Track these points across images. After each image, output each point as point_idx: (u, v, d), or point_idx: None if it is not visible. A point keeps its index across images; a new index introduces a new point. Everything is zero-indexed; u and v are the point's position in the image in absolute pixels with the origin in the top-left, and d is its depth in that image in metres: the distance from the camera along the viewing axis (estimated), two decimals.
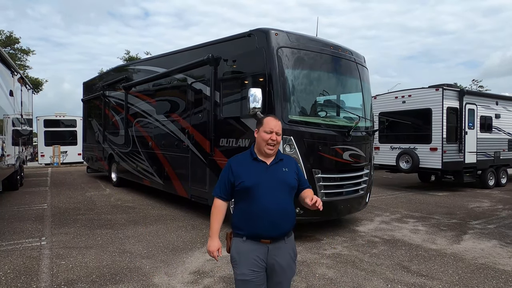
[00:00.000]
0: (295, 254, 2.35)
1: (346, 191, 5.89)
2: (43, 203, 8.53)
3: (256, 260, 2.20)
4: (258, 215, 2.19)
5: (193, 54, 7.15)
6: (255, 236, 2.22)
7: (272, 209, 2.18)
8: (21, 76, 11.56)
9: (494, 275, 4.23)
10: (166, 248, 5.13)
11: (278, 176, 2.26)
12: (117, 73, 11.08)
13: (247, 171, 2.25)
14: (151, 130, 8.70)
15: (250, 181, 2.21)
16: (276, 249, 2.24)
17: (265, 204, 2.19)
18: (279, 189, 2.23)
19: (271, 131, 2.25)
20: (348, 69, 6.33)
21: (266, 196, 2.19)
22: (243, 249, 2.23)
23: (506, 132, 12.27)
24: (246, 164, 2.29)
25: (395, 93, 11.90)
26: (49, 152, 20.09)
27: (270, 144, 2.25)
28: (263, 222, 2.18)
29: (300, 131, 5.34)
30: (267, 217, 2.18)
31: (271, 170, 2.27)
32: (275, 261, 2.23)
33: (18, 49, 25.52)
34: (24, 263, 4.50)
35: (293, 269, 2.33)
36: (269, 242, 2.22)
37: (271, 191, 2.21)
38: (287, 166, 2.32)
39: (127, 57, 28.99)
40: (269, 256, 2.22)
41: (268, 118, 2.32)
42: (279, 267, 2.24)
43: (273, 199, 2.20)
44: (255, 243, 2.22)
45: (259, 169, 2.26)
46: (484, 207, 8.39)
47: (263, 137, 2.26)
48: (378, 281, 4.01)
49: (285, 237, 2.27)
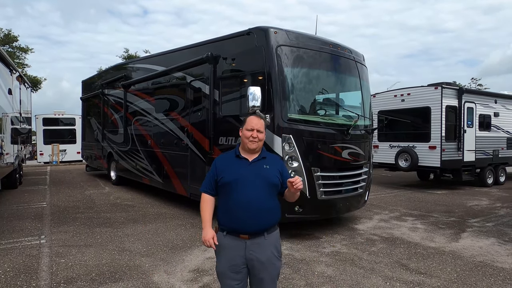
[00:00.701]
0: (278, 251, 2.38)
1: (345, 190, 5.90)
2: (42, 202, 8.53)
3: (234, 256, 2.29)
4: (236, 209, 2.28)
5: (192, 52, 7.14)
6: (234, 231, 2.31)
7: (248, 204, 2.26)
8: (20, 74, 11.53)
9: (492, 272, 4.24)
10: (166, 246, 5.13)
11: (259, 173, 2.34)
12: (116, 72, 11.07)
13: (229, 167, 2.37)
14: (150, 128, 8.70)
15: (229, 176, 2.32)
16: (255, 244, 2.29)
17: (242, 199, 2.27)
18: (259, 185, 2.30)
19: (252, 129, 2.36)
20: (347, 67, 6.34)
21: (244, 191, 2.28)
22: (223, 244, 2.33)
23: (505, 130, 12.29)
24: (229, 161, 2.41)
25: (394, 91, 11.90)
26: (48, 151, 20.07)
27: (251, 140, 2.35)
28: (240, 216, 2.27)
29: (299, 130, 5.34)
30: (243, 211, 2.26)
31: (252, 166, 2.36)
32: (254, 257, 2.28)
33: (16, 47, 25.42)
34: (24, 261, 4.51)
35: (276, 266, 2.36)
36: (247, 237, 2.29)
37: (250, 186, 2.29)
38: (269, 164, 2.40)
39: (126, 56, 28.92)
40: (247, 252, 2.28)
41: (250, 117, 2.42)
42: (258, 263, 2.29)
43: (250, 194, 2.28)
44: (235, 238, 2.31)
45: (240, 166, 2.36)
46: (483, 205, 8.42)
47: (245, 134, 2.37)
48: (377, 278, 4.02)
49: (264, 233, 2.32)
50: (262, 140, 2.41)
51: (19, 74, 11.34)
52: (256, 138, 2.35)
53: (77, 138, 19.85)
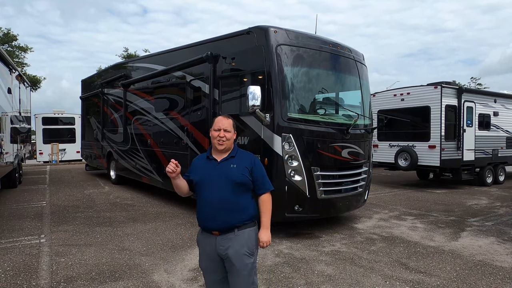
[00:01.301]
0: (249, 248, 2.40)
1: (344, 189, 5.90)
2: (42, 201, 8.53)
3: (209, 251, 2.43)
4: (203, 207, 2.43)
5: (192, 51, 7.13)
6: (205, 228, 2.45)
7: (212, 202, 2.38)
8: (19, 73, 11.52)
9: (492, 271, 4.25)
10: (165, 245, 5.14)
11: (224, 172, 2.42)
12: (116, 71, 11.06)
13: (198, 168, 2.50)
14: (150, 127, 8.70)
15: (196, 176, 2.46)
16: (225, 240, 2.38)
17: (207, 197, 2.40)
18: (224, 184, 2.38)
19: (219, 129, 2.45)
20: (347, 66, 6.33)
21: (209, 190, 2.41)
22: (200, 240, 2.51)
23: (504, 129, 12.30)
24: (200, 162, 2.55)
25: (394, 90, 11.90)
26: (48, 150, 20.06)
27: (219, 140, 2.45)
28: (206, 214, 2.41)
29: (299, 129, 5.34)
30: (208, 209, 2.39)
31: (220, 167, 2.45)
32: (223, 252, 2.37)
33: (16, 47, 25.40)
34: (24, 260, 4.51)
35: (245, 263, 2.37)
36: (217, 234, 2.40)
37: (215, 186, 2.39)
38: (236, 163, 2.45)
39: (125, 55, 28.90)
40: (217, 248, 2.38)
41: (218, 118, 2.54)
42: (226, 258, 2.38)
43: (215, 193, 2.38)
44: (208, 235, 2.44)
45: (208, 166, 2.47)
46: (482, 205, 8.43)
47: (213, 135, 2.48)
48: (376, 277, 4.03)
49: (235, 229, 2.39)
50: (231, 140, 2.49)
51: (19, 73, 11.33)
52: (223, 137, 2.44)
53: (77, 137, 19.85)
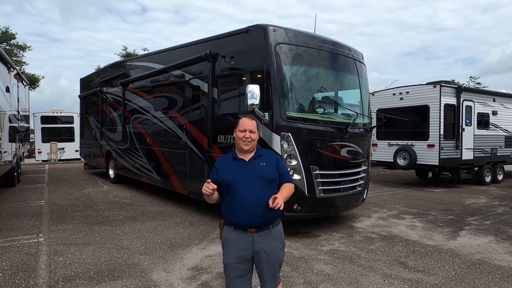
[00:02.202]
0: (282, 242, 2.57)
1: (343, 188, 5.90)
2: (40, 200, 8.51)
3: (241, 248, 2.47)
4: (239, 207, 2.46)
5: (191, 50, 7.12)
6: (241, 226, 2.48)
7: (249, 201, 2.44)
8: (18, 72, 11.50)
9: (490, 270, 4.26)
10: (164, 244, 5.13)
11: (256, 171, 2.50)
12: (115, 69, 11.04)
13: (228, 169, 2.54)
14: (149, 126, 8.68)
15: (229, 177, 2.50)
16: (261, 237, 2.48)
17: (243, 197, 2.45)
18: (257, 182, 2.47)
19: (244, 130, 2.53)
20: (346, 65, 6.33)
21: (244, 189, 2.46)
22: (231, 237, 2.52)
23: (503, 128, 12.31)
24: (227, 164, 2.59)
25: (393, 89, 11.90)
26: (46, 149, 20.03)
27: (245, 141, 2.52)
28: (244, 213, 2.45)
29: (298, 128, 5.34)
30: (246, 208, 2.44)
31: (250, 166, 2.53)
32: (261, 249, 2.46)
33: (14, 45, 25.34)
34: (22, 259, 4.50)
35: (280, 256, 2.54)
36: (254, 231, 2.47)
37: (249, 184, 2.46)
38: (265, 161, 2.56)
39: (124, 53, 28.85)
40: (254, 244, 2.46)
41: (242, 119, 2.60)
42: (265, 254, 2.47)
43: (250, 191, 2.45)
44: (242, 232, 2.48)
45: (238, 167, 2.53)
46: (481, 204, 8.44)
47: (238, 135, 2.55)
48: (375, 276, 4.03)
49: (269, 226, 2.51)
50: (255, 140, 2.56)
51: (17, 72, 11.31)
52: (249, 138, 2.51)
53: (76, 136, 19.81)
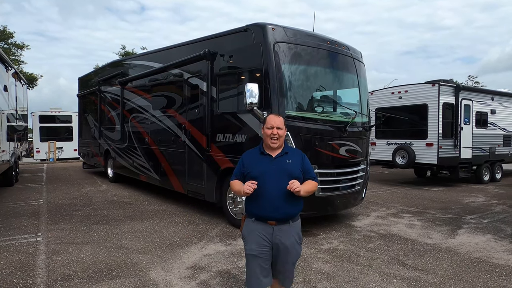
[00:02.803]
0: (300, 237, 2.70)
1: (342, 187, 5.91)
2: (38, 199, 8.49)
3: (262, 237, 2.58)
4: (263, 200, 2.55)
5: (189, 49, 7.10)
6: (262, 218, 2.59)
7: (274, 194, 2.54)
8: (16, 71, 11.46)
9: (488, 269, 4.27)
10: (163, 243, 5.13)
11: (282, 167, 2.60)
12: (113, 68, 11.01)
13: (255, 163, 2.65)
14: (148, 125, 8.67)
15: (256, 171, 2.60)
16: (281, 231, 2.58)
17: (268, 190, 2.54)
18: (282, 178, 2.54)
19: (272, 126, 2.62)
20: (345, 64, 6.32)
21: (269, 183, 2.55)
22: (252, 228, 2.62)
23: (502, 127, 12.34)
24: (254, 158, 2.69)
25: (392, 88, 11.91)
26: (45, 148, 19.98)
27: (272, 138, 2.62)
28: (267, 205, 2.55)
29: (296, 127, 5.33)
30: (270, 201, 2.54)
31: (276, 161, 2.63)
32: (280, 242, 2.57)
33: (12, 44, 25.25)
34: (20, 259, 4.49)
35: (297, 251, 2.67)
36: (274, 223, 2.58)
37: (274, 179, 2.55)
38: (291, 158, 2.65)
39: (123, 52, 28.80)
40: (273, 237, 2.57)
41: (270, 116, 2.71)
42: (283, 247, 2.57)
43: (275, 186, 2.54)
44: (262, 223, 2.59)
45: (265, 161, 2.64)
46: (479, 202, 8.46)
47: (266, 132, 2.65)
48: (374, 275, 4.04)
49: (290, 221, 2.62)
50: (283, 136, 2.66)
51: (15, 71, 11.27)
52: (276, 135, 2.61)
53: (74, 135, 19.77)
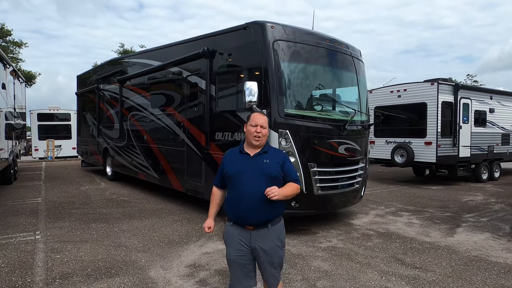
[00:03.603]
0: (281, 241, 2.53)
1: (341, 185, 5.91)
2: (37, 197, 8.47)
3: (240, 243, 2.47)
4: (238, 200, 2.45)
5: (188, 47, 7.08)
6: (239, 222, 2.48)
7: (248, 196, 2.41)
8: (14, 69, 11.42)
9: (487, 267, 4.28)
10: (162, 241, 5.13)
11: (258, 167, 2.46)
12: (112, 66, 10.97)
13: (232, 161, 2.55)
14: (146, 124, 8.65)
15: (232, 170, 2.50)
16: (259, 235, 2.46)
17: (242, 191, 2.43)
18: (258, 178, 2.42)
19: (256, 124, 2.50)
20: (344, 63, 6.32)
21: (244, 184, 2.44)
22: (230, 233, 2.53)
23: (500, 126, 12.36)
24: (233, 156, 2.58)
25: (391, 87, 11.91)
26: (43, 146, 19.94)
27: (255, 136, 2.49)
28: (242, 208, 2.43)
29: (296, 125, 5.33)
30: (244, 203, 2.42)
31: (253, 161, 2.50)
32: (258, 246, 2.46)
33: (10, 42, 25.15)
34: (19, 257, 4.48)
35: (278, 254, 2.51)
36: (252, 228, 2.46)
37: (250, 179, 2.43)
38: (269, 158, 2.51)
39: (121, 50, 28.71)
40: (251, 241, 2.46)
41: (254, 114, 2.58)
42: (262, 252, 2.46)
43: (250, 187, 2.41)
44: (240, 228, 2.49)
45: (242, 160, 2.51)
46: (478, 201, 8.48)
47: (249, 130, 2.52)
48: (372, 273, 4.04)
49: (268, 224, 2.47)
50: (266, 136, 2.55)
51: (13, 68, 11.23)
52: (260, 133, 2.49)
53: (73, 133, 19.72)
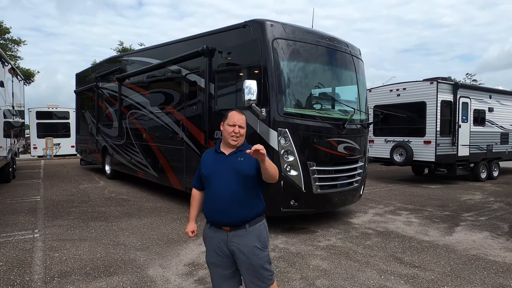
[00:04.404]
0: (261, 242, 2.37)
1: (340, 184, 5.91)
2: (36, 196, 8.46)
3: (218, 245, 2.37)
4: (212, 202, 2.37)
5: (187, 45, 7.06)
6: (215, 223, 2.39)
7: (222, 196, 2.31)
8: (12, 67, 11.38)
9: (485, 266, 4.29)
10: (161, 240, 5.12)
11: (232, 166, 2.35)
12: (111, 64, 10.95)
13: (208, 161, 2.46)
14: (145, 122, 8.63)
15: (207, 170, 2.42)
16: (236, 237, 2.33)
17: (216, 191, 2.34)
18: (233, 178, 2.32)
19: (234, 124, 2.37)
20: (343, 61, 6.31)
21: (218, 184, 2.35)
22: (208, 235, 2.44)
23: (499, 125, 12.37)
24: (210, 156, 2.49)
25: (390, 86, 11.91)
26: (42, 144, 19.89)
27: (233, 136, 2.37)
28: (215, 208, 2.35)
29: (295, 124, 5.33)
30: (218, 204, 2.33)
31: (228, 160, 2.39)
32: (236, 249, 2.32)
33: (8, 39, 25.04)
34: (17, 255, 4.47)
35: (259, 256, 2.34)
36: (228, 229, 2.35)
37: (224, 179, 2.33)
38: (243, 156, 2.34)
39: (120, 48, 28.61)
40: (229, 243, 2.34)
41: (232, 112, 2.43)
42: (240, 253, 2.32)
43: (224, 187, 2.32)
44: (217, 229, 2.39)
45: (217, 160, 2.42)
46: (476, 200, 8.49)
47: (227, 130, 2.39)
48: (371, 272, 4.05)
49: (246, 225, 2.34)
50: (243, 136, 2.43)
51: (12, 66, 11.20)
52: (238, 133, 2.37)
53: (71, 131, 19.68)
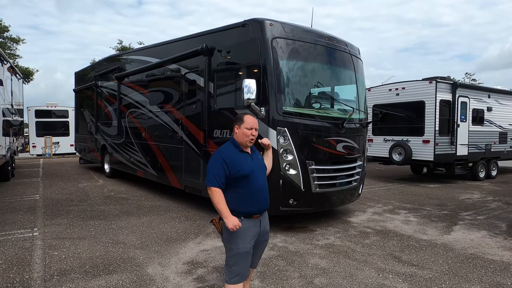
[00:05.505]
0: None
1: (339, 183, 5.92)
2: (35, 194, 8.46)
3: (254, 234, 2.69)
4: (256, 194, 2.67)
5: (187, 44, 7.06)
6: (250, 214, 2.66)
7: (263, 187, 2.73)
8: (11, 65, 11.37)
9: (483, 264, 4.31)
10: (160, 239, 5.13)
11: (260, 163, 2.80)
12: (110, 63, 10.94)
13: (240, 161, 2.66)
14: (145, 121, 8.64)
15: (246, 169, 2.64)
16: (263, 218, 2.80)
17: (259, 187, 2.68)
18: (263, 171, 2.80)
19: (251, 127, 2.69)
20: (342, 60, 6.32)
21: (259, 178, 2.71)
22: (244, 226, 2.62)
23: (498, 125, 12.40)
24: (238, 156, 2.68)
25: (389, 85, 11.92)
26: (41, 143, 19.87)
27: (252, 139, 2.71)
28: (259, 201, 2.69)
29: (294, 123, 5.34)
30: (261, 194, 2.71)
31: (254, 158, 2.77)
32: (264, 228, 2.80)
33: (7, 38, 24.98)
34: (17, 254, 4.48)
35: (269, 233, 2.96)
36: (258, 216, 2.72)
37: (259, 175, 2.73)
38: (258, 153, 2.85)
39: (119, 47, 28.56)
40: (261, 226, 2.75)
41: (247, 116, 2.76)
42: (265, 231, 2.82)
43: (261, 181, 2.73)
44: (250, 220, 2.67)
45: (247, 159, 2.72)
46: (475, 199, 8.52)
47: (245, 133, 2.69)
48: (370, 270, 4.06)
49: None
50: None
51: (10, 65, 11.18)
52: (255, 135, 2.72)
53: (71, 130, 19.67)
